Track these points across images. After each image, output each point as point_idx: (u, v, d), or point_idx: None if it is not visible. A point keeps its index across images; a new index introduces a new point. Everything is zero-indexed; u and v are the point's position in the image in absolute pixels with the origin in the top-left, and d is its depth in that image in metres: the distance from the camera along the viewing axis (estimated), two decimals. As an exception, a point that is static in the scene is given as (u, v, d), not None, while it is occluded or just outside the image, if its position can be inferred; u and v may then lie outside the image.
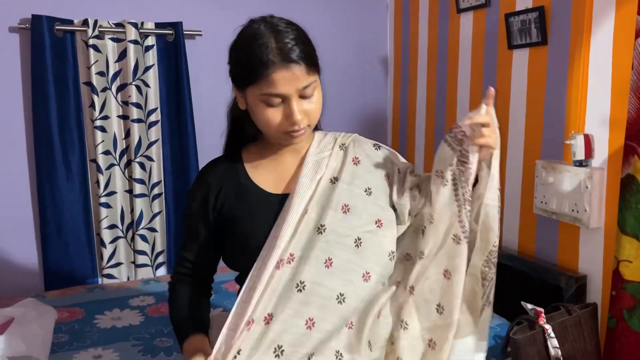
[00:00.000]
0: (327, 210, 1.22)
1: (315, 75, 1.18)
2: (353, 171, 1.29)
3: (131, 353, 1.80)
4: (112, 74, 2.47)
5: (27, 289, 2.45)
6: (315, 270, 1.18)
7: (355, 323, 1.20)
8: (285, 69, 1.11)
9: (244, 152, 1.34)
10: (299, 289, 1.16)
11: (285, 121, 1.17)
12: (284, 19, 1.19)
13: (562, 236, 2.06)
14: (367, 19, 3.05)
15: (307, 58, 1.14)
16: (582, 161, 1.89)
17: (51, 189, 2.42)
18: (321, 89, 1.22)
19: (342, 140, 1.34)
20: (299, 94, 1.15)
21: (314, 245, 1.19)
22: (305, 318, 1.15)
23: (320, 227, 1.21)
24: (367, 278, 1.22)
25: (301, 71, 1.13)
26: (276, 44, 1.12)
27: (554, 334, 1.68)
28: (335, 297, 1.18)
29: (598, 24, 1.86)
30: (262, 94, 1.15)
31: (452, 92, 2.64)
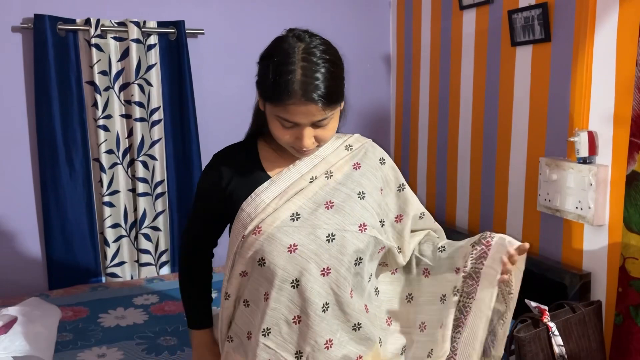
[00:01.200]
0: (309, 204, 1.24)
1: (335, 110, 1.19)
2: (350, 173, 1.29)
3: (135, 352, 1.81)
4: (115, 73, 2.47)
5: (31, 288, 2.46)
6: (277, 252, 1.20)
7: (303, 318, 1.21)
8: (304, 105, 1.13)
9: (260, 142, 1.35)
10: (259, 263, 1.21)
11: (294, 141, 1.19)
12: (323, 45, 1.18)
13: (566, 234, 2.05)
14: (370, 16, 3.04)
15: (329, 97, 1.14)
16: (586, 158, 1.88)
17: (55, 188, 2.42)
18: (340, 111, 1.26)
19: (350, 141, 1.36)
20: (312, 124, 1.17)
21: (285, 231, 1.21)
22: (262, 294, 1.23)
23: (294, 215, 1.22)
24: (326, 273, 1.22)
25: (318, 109, 1.14)
26: (302, 76, 1.12)
27: (558, 332, 1.68)
28: (290, 281, 1.20)
29: (602, 20, 1.85)
30: (278, 116, 1.17)
31: (455, 89, 2.63)
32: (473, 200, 2.55)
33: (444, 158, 2.73)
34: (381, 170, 1.35)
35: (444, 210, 2.74)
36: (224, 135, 2.74)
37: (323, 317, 1.20)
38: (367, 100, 3.06)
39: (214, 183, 1.30)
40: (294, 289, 1.19)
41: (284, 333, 1.21)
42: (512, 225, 2.31)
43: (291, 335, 1.21)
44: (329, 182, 1.27)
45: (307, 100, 1.12)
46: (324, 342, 1.21)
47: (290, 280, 1.19)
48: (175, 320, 2.04)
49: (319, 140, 1.22)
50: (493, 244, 1.28)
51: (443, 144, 2.73)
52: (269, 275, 1.20)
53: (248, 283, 1.26)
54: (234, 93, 2.76)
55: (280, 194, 1.24)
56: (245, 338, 1.27)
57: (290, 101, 1.12)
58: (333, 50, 1.21)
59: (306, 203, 1.23)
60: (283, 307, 1.20)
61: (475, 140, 2.52)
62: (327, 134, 1.21)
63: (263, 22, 2.78)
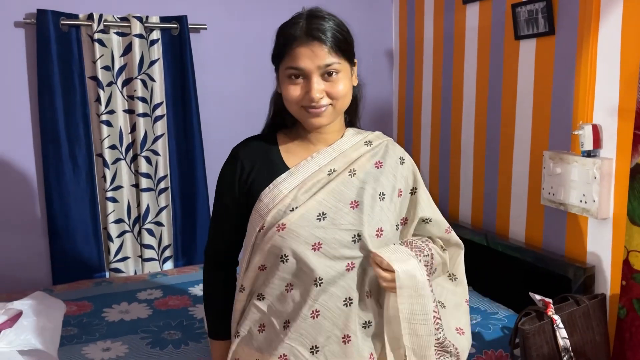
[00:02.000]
0: (333, 202, 1.24)
1: (341, 59, 1.21)
2: (371, 172, 1.30)
3: (140, 346, 1.81)
4: (118, 68, 2.47)
5: (35, 282, 2.46)
6: (302, 249, 1.20)
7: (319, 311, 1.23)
8: (307, 45, 1.17)
9: (279, 134, 1.36)
10: (281, 260, 1.22)
11: (304, 96, 1.20)
12: (331, 14, 1.25)
13: (570, 227, 2.05)
14: (372, 10, 3.03)
15: (332, 40, 1.18)
16: (591, 151, 1.88)
17: (58, 183, 2.43)
18: (352, 78, 1.27)
19: (371, 137, 1.36)
20: (320, 72, 1.19)
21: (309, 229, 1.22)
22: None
23: (320, 215, 1.22)
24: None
25: (322, 50, 1.17)
26: (306, 24, 1.19)
27: (563, 325, 1.68)
28: (314, 278, 1.21)
29: (606, 13, 1.84)
30: (286, 68, 1.20)
31: (458, 84, 2.63)
32: (476, 194, 2.55)
33: (447, 152, 2.73)
34: (400, 170, 1.34)
35: (447, 205, 2.74)
36: (226, 130, 2.76)
37: (343, 310, 1.22)
38: (370, 94, 3.01)
39: (235, 175, 1.30)
40: (316, 287, 1.20)
41: (302, 328, 1.22)
42: (516, 219, 2.31)
43: (308, 329, 1.22)
44: (353, 180, 1.26)
45: (311, 38, 1.17)
46: (342, 336, 1.22)
47: (314, 278, 1.20)
48: (179, 315, 2.04)
49: (330, 95, 1.21)
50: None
51: (446, 138, 2.73)
52: (294, 271, 1.22)
53: (266, 277, 1.25)
54: (237, 88, 2.76)
55: (299, 185, 1.24)
56: (256, 331, 1.27)
57: (295, 43, 1.17)
58: (340, 20, 1.27)
59: (330, 201, 1.23)
60: (304, 301, 1.21)
61: (478, 134, 2.52)
62: (336, 89, 1.21)
63: (265, 17, 2.77)
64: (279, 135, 1.36)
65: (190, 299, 2.20)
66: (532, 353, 1.64)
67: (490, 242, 2.31)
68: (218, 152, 2.91)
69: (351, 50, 1.25)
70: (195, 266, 2.60)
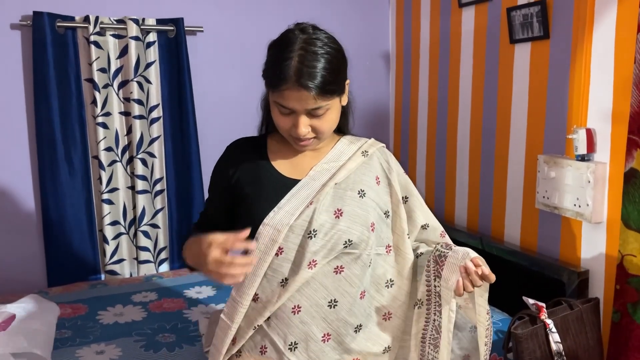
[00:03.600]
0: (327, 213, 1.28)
1: (329, 100, 1.21)
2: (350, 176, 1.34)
3: (134, 349, 1.81)
4: (114, 70, 2.47)
5: (30, 284, 2.46)
6: (293, 267, 1.26)
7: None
8: (297, 90, 1.17)
9: (269, 138, 1.41)
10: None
11: (291, 129, 1.24)
12: (326, 39, 1.22)
13: (564, 231, 2.05)
14: (369, 13, 3.04)
15: (322, 86, 1.17)
16: (585, 155, 1.88)
17: (54, 185, 2.43)
18: (342, 100, 1.29)
19: (366, 147, 1.39)
20: (307, 112, 1.21)
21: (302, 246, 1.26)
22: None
23: (311, 232, 1.26)
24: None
25: (311, 97, 1.17)
26: (298, 63, 1.17)
27: (556, 329, 1.68)
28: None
29: (600, 18, 1.85)
30: (275, 101, 1.22)
31: (453, 87, 2.63)
32: (472, 197, 2.55)
33: (443, 155, 2.73)
34: (378, 169, 1.39)
35: (443, 208, 2.75)
36: (223, 132, 2.74)
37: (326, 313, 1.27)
38: (366, 97, 3.05)
39: (223, 171, 1.38)
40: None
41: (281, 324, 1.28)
42: (511, 222, 2.31)
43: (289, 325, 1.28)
44: (337, 190, 1.31)
45: (300, 86, 1.16)
46: (322, 335, 1.26)
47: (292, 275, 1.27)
48: (174, 318, 2.04)
49: (316, 131, 1.24)
50: (446, 263, 1.29)
51: (442, 141, 2.73)
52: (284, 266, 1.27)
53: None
54: (233, 90, 2.76)
55: (303, 206, 1.28)
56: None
57: (285, 86, 1.17)
58: (336, 45, 1.24)
59: (325, 219, 1.27)
60: (289, 300, 1.27)
61: (474, 138, 2.52)
62: (323, 125, 1.24)
63: (262, 19, 2.78)
64: (269, 138, 1.41)
65: (185, 302, 2.19)
66: (525, 357, 1.64)
67: (485, 246, 2.31)
68: (214, 154, 2.90)
69: (342, 83, 1.26)
70: (190, 268, 2.60)
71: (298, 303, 1.26)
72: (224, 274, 1.11)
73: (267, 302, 1.26)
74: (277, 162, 1.35)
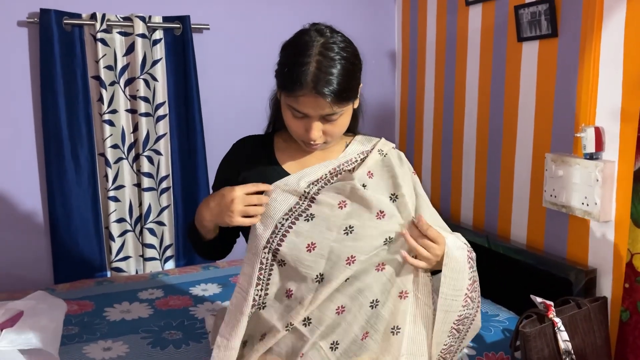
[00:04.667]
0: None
1: (344, 106, 1.21)
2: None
3: (140, 345, 1.81)
4: (120, 67, 2.47)
5: (36, 282, 2.46)
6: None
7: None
8: (314, 97, 1.15)
9: (276, 136, 1.40)
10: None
11: (303, 133, 1.23)
12: (342, 43, 1.20)
13: (571, 230, 2.05)
14: (375, 11, 3.03)
15: (340, 93, 1.16)
16: (593, 154, 1.88)
17: (60, 182, 2.43)
18: (354, 104, 1.28)
19: (380, 146, 1.38)
20: (321, 117, 1.20)
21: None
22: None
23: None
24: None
25: (328, 104, 1.16)
26: (316, 69, 1.14)
27: (564, 328, 1.67)
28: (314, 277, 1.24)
29: (609, 15, 1.84)
30: (289, 105, 1.20)
31: (460, 86, 2.63)
32: (478, 196, 2.54)
33: (449, 154, 2.72)
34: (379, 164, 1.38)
35: (449, 207, 2.74)
36: (229, 130, 2.75)
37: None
38: (372, 96, 3.05)
39: (229, 167, 1.37)
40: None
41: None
42: (518, 221, 2.31)
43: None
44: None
45: (317, 93, 1.14)
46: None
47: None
48: (180, 315, 2.05)
49: (327, 135, 1.24)
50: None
51: (448, 140, 2.73)
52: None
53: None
54: (240, 88, 2.76)
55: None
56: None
57: (301, 92, 1.15)
58: (352, 49, 1.23)
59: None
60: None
61: (480, 136, 2.51)
62: (335, 129, 1.23)
63: (268, 17, 2.78)
64: (276, 137, 1.39)
65: (191, 299, 2.20)
66: (533, 356, 1.63)
67: (492, 244, 2.31)
68: (220, 151, 2.89)
69: (357, 88, 1.25)
70: (196, 266, 2.60)
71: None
72: (247, 209, 1.21)
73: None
74: (285, 162, 1.34)
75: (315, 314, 1.25)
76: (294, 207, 1.25)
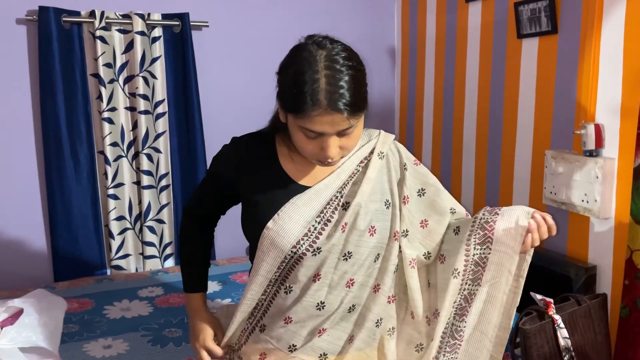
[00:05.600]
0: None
1: (360, 117, 1.16)
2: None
3: (140, 343, 1.81)
4: (119, 65, 2.46)
5: (36, 280, 2.46)
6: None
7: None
8: (329, 115, 1.09)
9: (277, 137, 1.31)
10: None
11: (319, 152, 1.16)
12: (345, 51, 1.15)
13: (571, 226, 2.04)
14: (374, 8, 3.02)
15: (355, 105, 1.11)
16: (593, 151, 1.87)
17: (60, 180, 2.43)
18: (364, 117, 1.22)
19: (380, 147, 1.33)
20: (338, 133, 1.13)
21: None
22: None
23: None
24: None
25: (344, 119, 1.10)
26: (327, 85, 1.08)
27: (564, 325, 1.67)
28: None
29: (609, 12, 1.84)
30: (301, 127, 1.13)
31: (460, 82, 2.62)
32: (478, 193, 2.54)
33: (449, 151, 2.72)
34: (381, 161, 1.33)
35: (449, 204, 2.74)
36: (228, 127, 2.75)
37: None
38: (372, 92, 3.01)
39: (226, 163, 1.31)
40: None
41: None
42: (517, 218, 2.30)
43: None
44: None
45: (333, 110, 1.07)
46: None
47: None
48: (180, 313, 2.04)
49: (344, 149, 1.17)
50: (496, 228, 1.26)
51: (448, 136, 2.72)
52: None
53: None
54: (239, 85, 2.75)
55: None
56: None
57: (316, 112, 1.08)
58: (355, 56, 1.17)
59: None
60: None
61: (480, 133, 2.51)
62: (351, 142, 1.18)
63: (267, 14, 2.77)
64: (277, 138, 1.32)
65: (191, 297, 2.20)
66: (533, 353, 1.64)
67: (492, 241, 2.30)
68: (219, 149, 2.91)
69: (367, 95, 1.20)
70: (196, 264, 2.60)
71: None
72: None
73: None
74: (288, 166, 1.28)
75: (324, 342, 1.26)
76: (302, 240, 1.21)
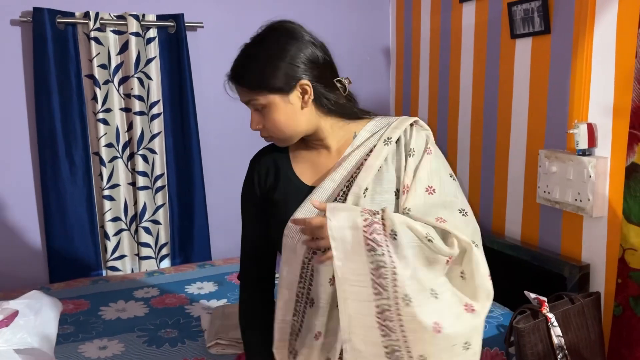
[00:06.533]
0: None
1: (261, 95, 1.19)
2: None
3: (136, 344, 1.82)
4: (114, 66, 2.46)
5: (32, 281, 2.46)
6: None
7: None
8: (232, 82, 1.25)
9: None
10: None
11: None
12: (272, 31, 1.24)
13: (565, 225, 2.06)
14: (369, 8, 3.03)
15: (242, 78, 1.21)
16: (586, 150, 1.89)
17: (55, 182, 2.43)
18: (301, 104, 1.20)
19: (389, 133, 1.26)
20: (253, 107, 1.23)
21: None
22: None
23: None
24: None
25: (241, 89, 1.23)
26: (235, 61, 1.24)
27: (557, 323, 1.69)
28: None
29: (601, 12, 1.85)
30: None
31: (454, 82, 2.63)
32: (472, 192, 2.55)
33: (444, 150, 2.72)
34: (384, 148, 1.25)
35: (444, 203, 2.75)
36: (223, 128, 2.76)
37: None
38: (366, 93, 3.05)
39: (254, 182, 1.32)
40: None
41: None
42: (512, 217, 2.32)
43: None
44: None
45: (230, 78, 1.25)
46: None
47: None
48: (176, 313, 2.05)
49: (266, 129, 1.23)
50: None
51: (442, 136, 2.73)
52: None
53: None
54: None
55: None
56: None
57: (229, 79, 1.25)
58: (273, 36, 1.22)
59: None
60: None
61: (474, 133, 2.52)
62: (268, 124, 1.21)
63: (262, 14, 2.74)
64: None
65: (187, 298, 2.20)
66: (527, 351, 1.65)
67: (486, 241, 2.31)
68: (215, 150, 2.93)
69: (282, 80, 1.17)
70: (192, 264, 2.60)
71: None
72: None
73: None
74: (298, 168, 1.28)
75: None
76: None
